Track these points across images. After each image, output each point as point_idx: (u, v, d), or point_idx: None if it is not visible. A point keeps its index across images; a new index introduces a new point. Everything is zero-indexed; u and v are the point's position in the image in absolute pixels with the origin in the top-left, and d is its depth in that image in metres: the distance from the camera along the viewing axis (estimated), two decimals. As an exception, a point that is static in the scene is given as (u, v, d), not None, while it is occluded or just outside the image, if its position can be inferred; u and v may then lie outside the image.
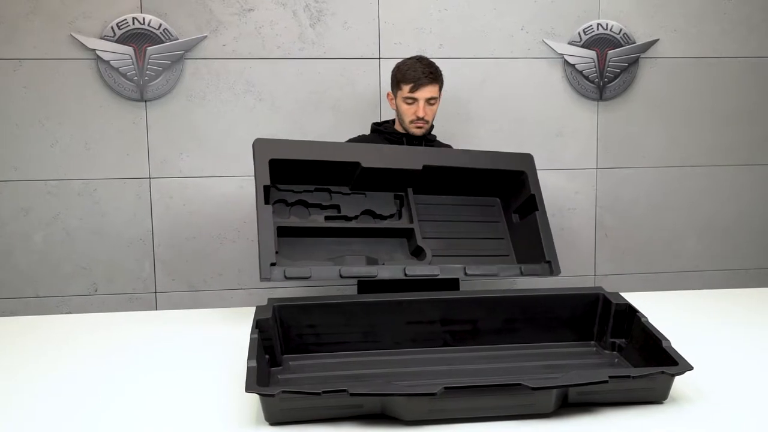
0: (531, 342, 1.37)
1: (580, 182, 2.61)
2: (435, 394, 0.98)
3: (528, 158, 1.77)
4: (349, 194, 1.63)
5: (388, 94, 2.04)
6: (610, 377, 1.02)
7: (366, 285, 1.62)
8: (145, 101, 2.36)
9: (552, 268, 1.62)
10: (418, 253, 1.59)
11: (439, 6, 2.46)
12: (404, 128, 2.00)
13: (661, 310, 1.59)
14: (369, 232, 1.60)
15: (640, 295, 1.85)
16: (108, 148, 2.38)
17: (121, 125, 2.37)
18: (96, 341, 1.45)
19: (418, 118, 1.94)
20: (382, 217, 1.63)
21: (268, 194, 1.46)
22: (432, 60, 2.01)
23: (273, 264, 1.38)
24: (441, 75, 1.99)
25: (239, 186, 2.44)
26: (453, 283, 2.05)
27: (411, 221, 1.63)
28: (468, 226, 1.72)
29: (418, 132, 1.98)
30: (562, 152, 2.58)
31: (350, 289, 2.06)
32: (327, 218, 1.59)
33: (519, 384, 1.00)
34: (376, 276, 1.47)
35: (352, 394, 0.98)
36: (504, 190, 1.77)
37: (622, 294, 1.39)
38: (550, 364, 1.27)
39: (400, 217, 1.66)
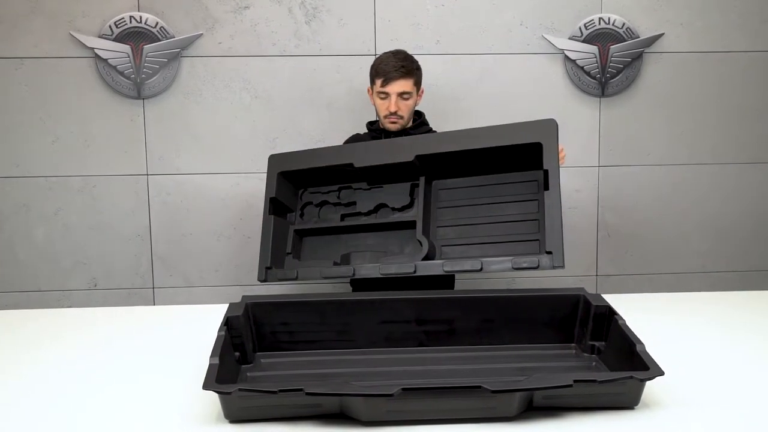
0: (509, 343, 1.34)
1: (581, 180, 2.55)
2: (392, 395, 0.96)
3: (548, 125, 1.47)
4: (368, 189, 1.68)
5: (367, 90, 2.02)
6: (574, 381, 1.00)
7: (363, 284, 1.63)
8: (143, 99, 2.38)
9: (553, 261, 1.37)
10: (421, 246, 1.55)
11: (435, 1, 2.43)
12: (381, 124, 1.98)
13: (650, 312, 1.56)
14: (379, 227, 1.63)
15: (633, 296, 1.80)
16: (107, 145, 2.40)
17: (119, 123, 2.40)
18: (85, 336, 1.47)
19: (391, 113, 1.90)
20: (396, 210, 1.63)
21: (274, 206, 1.64)
22: (410, 54, 1.95)
23: (269, 268, 1.61)
24: (417, 69, 1.93)
25: (236, 183, 2.45)
26: (449, 279, 2.00)
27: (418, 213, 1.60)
28: (500, 208, 1.54)
29: (392, 127, 1.94)
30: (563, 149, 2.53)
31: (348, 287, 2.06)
32: (343, 216, 1.67)
33: (479, 386, 0.98)
34: (353, 275, 1.48)
35: (308, 393, 0.97)
36: (540, 165, 1.48)
37: (610, 296, 1.35)
38: (526, 367, 1.24)
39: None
